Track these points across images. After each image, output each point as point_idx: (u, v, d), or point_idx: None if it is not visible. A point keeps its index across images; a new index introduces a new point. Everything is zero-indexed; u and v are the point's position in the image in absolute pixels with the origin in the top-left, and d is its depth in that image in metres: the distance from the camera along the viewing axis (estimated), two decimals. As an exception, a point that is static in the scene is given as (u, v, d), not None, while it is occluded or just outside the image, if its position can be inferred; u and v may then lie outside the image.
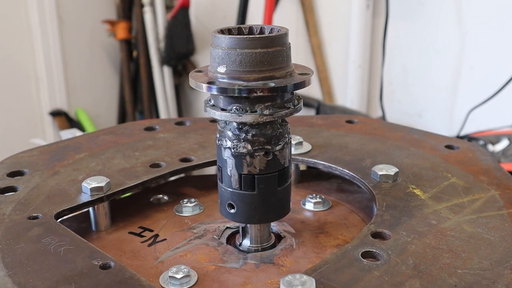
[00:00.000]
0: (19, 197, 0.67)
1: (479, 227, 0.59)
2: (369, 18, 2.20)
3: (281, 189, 0.60)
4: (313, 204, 0.75)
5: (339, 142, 0.83)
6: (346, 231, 0.69)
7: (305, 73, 0.56)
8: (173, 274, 0.55)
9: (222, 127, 0.58)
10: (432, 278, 0.50)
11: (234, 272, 0.60)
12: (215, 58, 0.55)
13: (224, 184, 0.59)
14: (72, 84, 2.81)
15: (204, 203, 0.76)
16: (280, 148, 0.58)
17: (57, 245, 0.56)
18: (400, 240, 0.56)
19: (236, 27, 0.58)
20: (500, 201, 0.64)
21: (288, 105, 0.56)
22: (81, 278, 0.51)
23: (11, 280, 0.51)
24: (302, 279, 0.48)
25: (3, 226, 0.60)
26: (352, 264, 0.52)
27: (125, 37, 2.88)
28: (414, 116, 2.18)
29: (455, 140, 0.85)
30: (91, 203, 0.67)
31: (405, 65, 2.16)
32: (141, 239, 0.67)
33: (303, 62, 0.88)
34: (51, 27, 2.62)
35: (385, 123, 0.95)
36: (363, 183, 0.70)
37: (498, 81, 1.74)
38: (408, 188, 0.68)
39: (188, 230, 0.69)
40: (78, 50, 2.81)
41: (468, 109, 1.85)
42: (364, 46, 2.23)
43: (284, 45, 0.55)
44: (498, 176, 0.71)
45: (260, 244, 0.64)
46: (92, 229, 0.70)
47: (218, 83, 0.54)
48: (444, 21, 1.99)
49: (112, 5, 2.92)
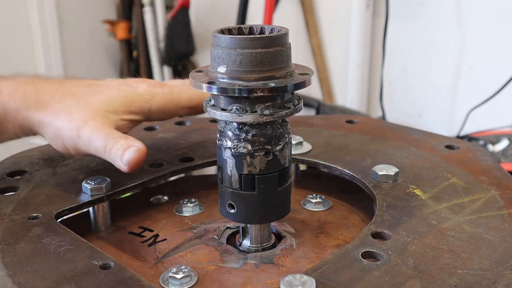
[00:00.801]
0: (19, 197, 0.67)
1: (479, 227, 0.59)
2: (369, 18, 2.20)
3: (281, 189, 0.60)
4: (313, 204, 0.75)
5: (339, 142, 0.83)
6: (346, 231, 0.69)
7: (305, 73, 0.56)
8: (173, 274, 0.55)
9: (222, 127, 0.58)
10: (432, 278, 0.50)
11: (234, 272, 0.60)
12: (215, 58, 0.55)
13: (224, 184, 0.59)
14: (72, 84, 2.81)
15: (204, 203, 0.76)
16: (280, 148, 0.58)
17: (57, 245, 0.56)
18: (400, 240, 0.56)
19: (236, 27, 0.58)
20: (500, 201, 0.64)
21: (288, 105, 0.56)
22: (81, 278, 0.51)
23: (11, 280, 0.51)
24: (302, 279, 0.48)
25: (3, 226, 0.60)
26: (352, 264, 0.52)
27: (125, 37, 2.88)
28: (414, 116, 2.18)
29: (455, 140, 0.85)
30: (91, 203, 0.67)
31: (405, 65, 2.16)
32: (141, 239, 0.67)
33: (303, 62, 0.88)
34: (51, 27, 2.62)
35: (385, 123, 0.95)
36: (363, 183, 0.70)
37: (498, 81, 1.74)
38: (408, 188, 0.68)
39: (188, 230, 0.69)
40: (78, 50, 2.81)
41: (468, 109, 1.85)
42: (364, 46, 2.23)
43: (285, 45, 0.55)
44: (498, 176, 0.71)
45: (260, 244, 0.64)
46: (92, 229, 0.70)
47: (218, 83, 0.54)
48: (444, 21, 1.99)
49: (112, 5, 2.92)
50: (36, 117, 0.67)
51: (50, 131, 0.67)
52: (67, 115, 0.66)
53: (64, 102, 0.67)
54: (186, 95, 0.72)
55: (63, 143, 0.67)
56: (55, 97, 0.68)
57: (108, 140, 0.64)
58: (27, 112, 0.67)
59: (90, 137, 0.65)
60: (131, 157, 0.63)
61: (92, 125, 0.65)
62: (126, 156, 0.63)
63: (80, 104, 0.67)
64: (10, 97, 0.67)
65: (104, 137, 0.64)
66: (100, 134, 0.65)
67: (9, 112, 0.67)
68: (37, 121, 0.67)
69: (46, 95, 0.68)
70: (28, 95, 0.67)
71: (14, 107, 0.67)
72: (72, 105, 0.67)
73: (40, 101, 0.67)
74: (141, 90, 0.71)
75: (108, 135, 0.65)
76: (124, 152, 0.63)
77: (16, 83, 0.69)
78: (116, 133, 0.65)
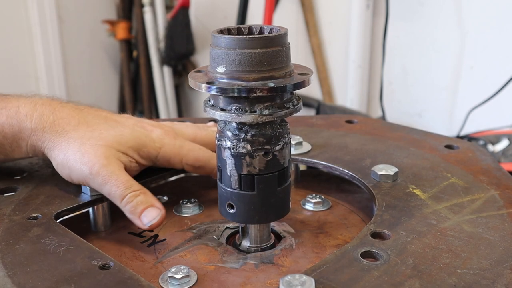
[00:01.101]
0: (19, 197, 0.67)
1: (478, 227, 0.59)
2: (369, 18, 2.20)
3: (280, 189, 0.60)
4: (313, 204, 0.75)
5: (339, 142, 0.83)
6: (345, 231, 0.69)
7: (305, 73, 0.56)
8: (173, 274, 0.55)
9: (222, 127, 0.58)
10: (431, 278, 0.50)
11: (234, 272, 0.60)
12: (215, 58, 0.55)
13: (224, 184, 0.59)
14: (72, 84, 2.81)
15: (204, 203, 0.76)
16: (280, 148, 0.58)
17: (57, 246, 0.56)
18: (399, 240, 0.56)
19: (236, 27, 0.58)
20: (500, 201, 0.64)
21: (287, 105, 0.56)
22: (81, 278, 0.51)
23: (11, 280, 0.51)
24: (302, 279, 0.48)
25: (2, 226, 0.61)
26: (352, 264, 0.52)
27: (125, 37, 2.88)
28: (414, 116, 2.18)
29: (455, 140, 0.85)
30: (91, 203, 0.67)
31: (405, 65, 2.16)
32: (140, 239, 0.67)
33: (303, 62, 0.88)
34: (51, 27, 2.62)
35: (385, 123, 0.95)
36: (363, 183, 0.70)
37: (498, 81, 1.74)
38: (408, 188, 0.68)
39: (187, 230, 0.69)
40: (78, 50, 2.81)
41: (468, 109, 1.85)
42: (364, 46, 2.23)
43: (284, 45, 0.55)
44: (498, 176, 0.71)
45: (259, 244, 0.64)
46: (92, 229, 0.70)
47: (217, 83, 0.54)
48: (444, 21, 1.99)
49: (112, 5, 2.92)
50: (49, 140, 0.67)
51: (59, 158, 0.67)
52: (79, 146, 0.66)
53: (78, 130, 0.68)
54: (193, 155, 0.72)
55: (69, 173, 0.67)
56: (70, 124, 0.68)
57: (126, 191, 0.64)
58: (42, 133, 0.67)
59: (106, 180, 0.64)
60: (156, 222, 0.63)
61: (109, 168, 0.65)
62: (149, 219, 0.63)
63: (93, 137, 0.67)
64: (27, 117, 0.68)
65: (122, 185, 0.64)
66: (118, 181, 0.64)
67: (24, 131, 0.68)
68: (49, 144, 0.67)
69: (63, 119, 0.68)
70: (45, 117, 0.68)
71: (30, 127, 0.67)
72: (85, 135, 0.67)
73: (55, 124, 0.68)
74: (154, 136, 0.71)
75: (126, 184, 0.64)
76: (144, 211, 0.64)
77: (34, 103, 0.69)
78: (133, 183, 0.65)
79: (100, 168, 0.64)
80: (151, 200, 0.65)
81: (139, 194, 0.64)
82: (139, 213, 0.64)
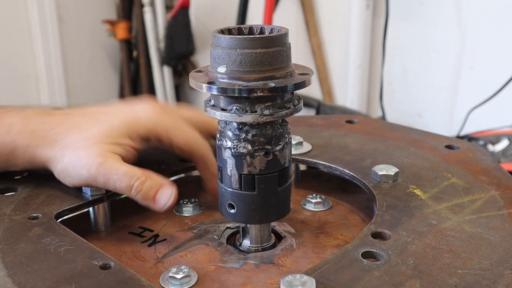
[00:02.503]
0: (19, 197, 0.67)
1: (479, 227, 0.59)
2: (369, 18, 2.20)
3: (281, 189, 0.60)
4: (313, 204, 0.75)
5: (339, 142, 0.83)
6: (346, 231, 0.69)
7: (305, 73, 0.56)
8: (173, 274, 0.55)
9: (222, 127, 0.58)
10: (432, 278, 0.50)
11: (234, 272, 0.60)
12: (215, 58, 0.55)
13: (224, 184, 0.59)
14: (72, 84, 2.81)
15: (204, 203, 0.76)
16: (280, 148, 0.58)
17: (57, 245, 0.56)
18: (400, 240, 0.56)
19: (236, 27, 0.58)
20: (500, 201, 0.64)
21: (288, 105, 0.56)
22: (81, 278, 0.51)
23: (11, 280, 0.51)
24: (302, 279, 0.48)
25: (3, 226, 0.61)
26: (352, 264, 0.52)
27: (125, 37, 2.88)
28: (414, 116, 2.18)
29: (455, 140, 0.85)
30: (91, 203, 0.67)
31: (405, 65, 2.16)
32: (141, 239, 0.67)
33: (303, 62, 0.88)
34: (51, 27, 2.62)
35: (385, 123, 0.95)
36: (363, 183, 0.70)
37: (498, 81, 1.74)
38: (408, 188, 0.68)
39: (188, 230, 0.69)
40: (78, 50, 2.81)
41: (468, 109, 1.85)
42: (364, 46, 2.23)
43: (284, 45, 0.55)
44: (498, 176, 0.71)
45: (260, 244, 0.64)
46: (92, 229, 0.70)
47: (218, 83, 0.54)
48: (444, 21, 1.99)
49: (112, 5, 2.92)
50: (44, 154, 0.67)
51: (58, 168, 0.67)
52: (73, 152, 0.66)
53: (70, 136, 0.68)
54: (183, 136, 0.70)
55: (71, 179, 0.67)
56: (60, 132, 0.68)
57: (131, 181, 0.64)
58: (36, 149, 0.68)
59: (107, 177, 0.64)
60: (172, 201, 0.64)
61: (106, 165, 0.64)
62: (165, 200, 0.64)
63: (84, 138, 0.67)
64: (20, 135, 0.68)
65: (125, 177, 0.64)
66: (119, 174, 0.64)
67: (18, 149, 0.68)
68: (46, 158, 0.68)
69: (53, 130, 0.68)
70: (36, 133, 0.68)
71: (24, 144, 0.68)
72: (77, 139, 0.67)
73: (47, 138, 0.68)
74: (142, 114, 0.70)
75: (127, 175, 0.64)
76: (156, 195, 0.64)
77: (26, 118, 0.69)
78: (135, 170, 0.65)
79: (97, 167, 0.64)
80: (159, 181, 0.65)
81: (146, 180, 0.64)
82: (152, 197, 0.64)
